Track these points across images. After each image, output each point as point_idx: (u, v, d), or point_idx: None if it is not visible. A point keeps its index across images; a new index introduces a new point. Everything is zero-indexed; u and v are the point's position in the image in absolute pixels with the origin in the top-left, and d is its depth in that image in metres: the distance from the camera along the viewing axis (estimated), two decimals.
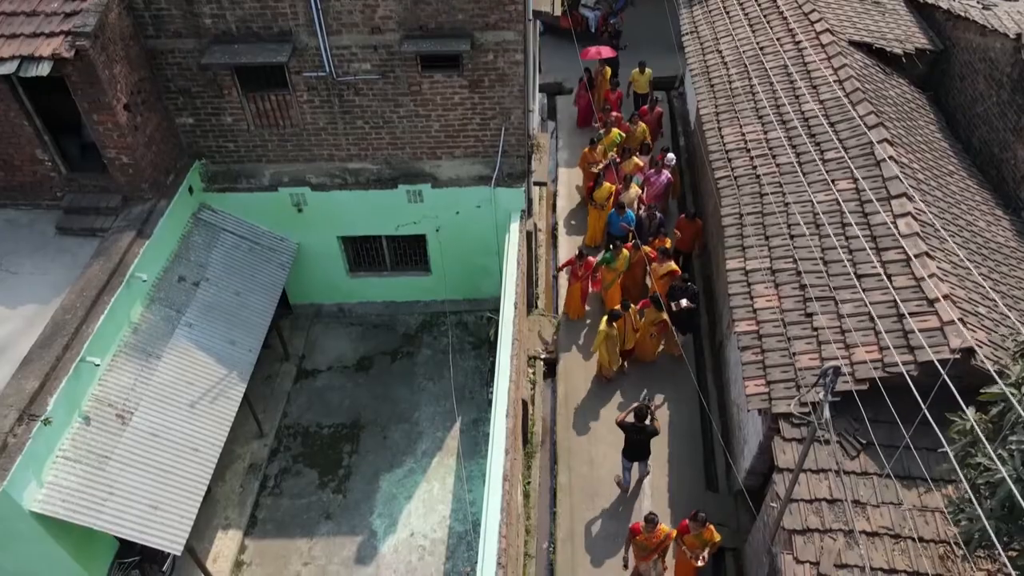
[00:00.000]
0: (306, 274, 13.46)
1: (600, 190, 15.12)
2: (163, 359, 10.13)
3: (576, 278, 13.96)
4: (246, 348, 11.00)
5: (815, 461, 8.73)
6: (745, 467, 10.75)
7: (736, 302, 10.57)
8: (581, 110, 18.90)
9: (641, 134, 16.58)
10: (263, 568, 10.74)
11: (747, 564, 10.34)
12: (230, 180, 11.97)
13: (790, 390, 9.24)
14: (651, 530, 9.59)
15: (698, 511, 9.58)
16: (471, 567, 8.92)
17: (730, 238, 11.55)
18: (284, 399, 12.83)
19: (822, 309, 9.78)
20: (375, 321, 14.12)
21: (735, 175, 12.56)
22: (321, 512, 11.34)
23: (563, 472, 11.89)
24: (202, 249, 11.58)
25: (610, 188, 15.05)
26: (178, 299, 10.82)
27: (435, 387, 12.95)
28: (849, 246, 10.26)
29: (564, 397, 12.95)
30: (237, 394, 10.49)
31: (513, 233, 11.98)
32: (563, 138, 18.85)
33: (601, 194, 15.09)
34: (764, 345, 9.85)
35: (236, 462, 11.90)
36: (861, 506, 8.42)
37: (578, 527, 11.17)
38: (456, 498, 11.44)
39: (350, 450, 12.11)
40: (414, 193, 12.13)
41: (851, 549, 8.15)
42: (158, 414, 9.63)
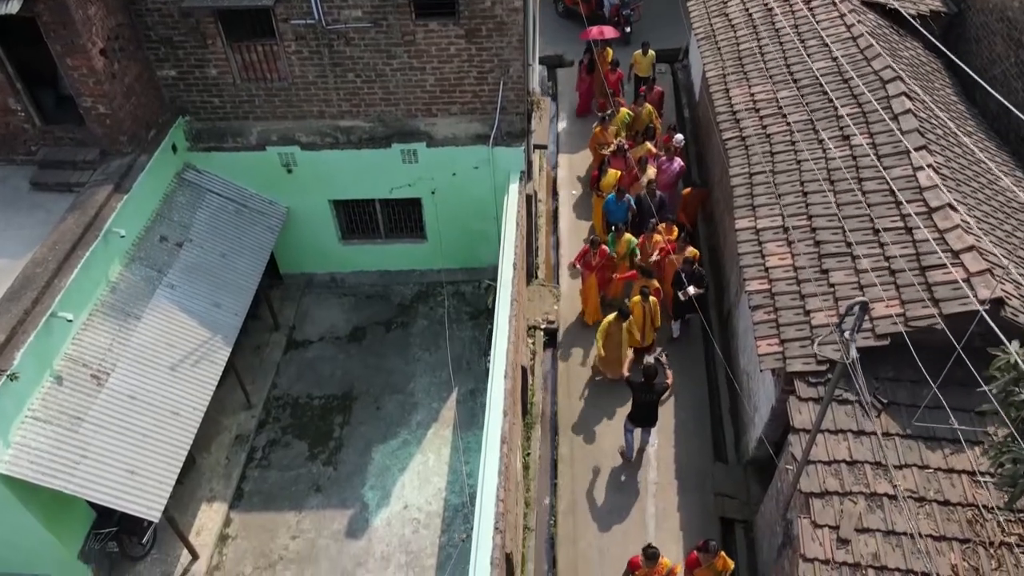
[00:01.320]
0: (297, 241, 12.93)
1: (606, 178, 13.97)
2: (143, 320, 9.60)
3: (590, 269, 12.64)
4: (232, 311, 10.47)
5: (833, 421, 8.20)
6: (756, 435, 10.22)
7: (746, 261, 10.04)
8: (581, 96, 18.10)
9: (647, 115, 15.66)
10: (249, 541, 10.22)
11: (759, 536, 9.81)
12: (216, 139, 11.43)
13: (805, 348, 8.71)
14: (651, 565, 8.51)
15: (708, 540, 8.62)
16: (467, 534, 8.42)
17: (739, 198, 11.02)
18: (273, 370, 12.30)
19: (838, 265, 9.25)
20: (369, 292, 13.59)
21: (743, 135, 12.03)
22: (311, 484, 10.82)
23: (564, 443, 11.36)
24: (186, 209, 11.05)
25: (616, 175, 13.93)
26: (160, 259, 10.29)
27: (431, 357, 12.43)
28: (866, 201, 9.72)
29: (565, 367, 12.42)
30: (221, 358, 9.96)
31: (512, 194, 11.46)
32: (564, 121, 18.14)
33: (607, 182, 13.86)
34: (777, 304, 9.32)
35: (222, 433, 11.37)
36: (883, 468, 7.89)
37: (580, 499, 10.64)
38: (452, 470, 10.92)
39: (341, 421, 11.59)
40: (408, 153, 11.59)
41: (872, 512, 7.62)
42: (136, 376, 9.11)
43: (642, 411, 10.48)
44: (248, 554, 10.09)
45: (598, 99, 17.22)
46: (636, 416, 10.58)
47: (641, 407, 10.45)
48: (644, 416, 10.54)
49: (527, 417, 11.58)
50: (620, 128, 15.20)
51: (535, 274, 13.82)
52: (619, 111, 15.41)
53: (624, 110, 15.47)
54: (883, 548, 7.39)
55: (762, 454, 10.32)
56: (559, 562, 9.97)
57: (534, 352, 12.52)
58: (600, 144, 15.09)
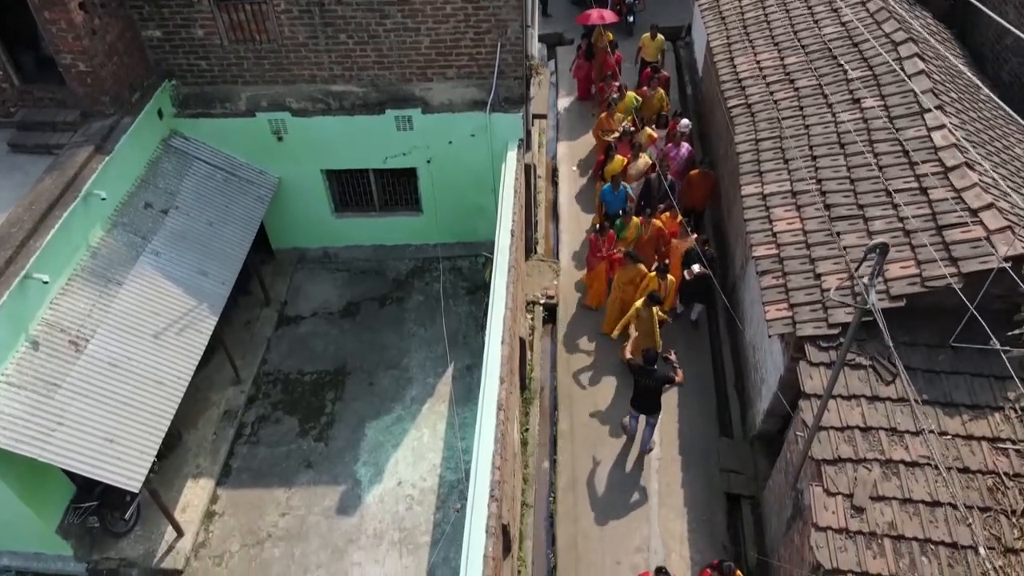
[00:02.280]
0: (288, 214, 12.54)
1: (612, 164, 13.35)
2: (125, 286, 9.22)
3: (599, 256, 12.10)
4: (219, 280, 10.08)
5: (846, 387, 7.82)
6: (763, 408, 9.84)
7: (753, 227, 9.66)
8: (580, 82, 17.48)
9: (658, 101, 15.00)
10: (236, 518, 9.83)
11: (766, 511, 9.43)
12: (203, 104, 11.04)
13: (816, 312, 8.33)
14: None
15: (722, 561, 8.10)
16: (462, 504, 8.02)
17: (745, 164, 10.64)
18: (264, 345, 11.92)
19: (850, 228, 8.87)
20: (363, 267, 13.20)
21: (749, 103, 11.65)
22: (301, 461, 10.44)
23: (564, 419, 10.97)
24: (172, 176, 10.67)
25: (622, 162, 13.34)
26: (144, 225, 9.91)
27: (426, 333, 12.04)
28: (878, 163, 9.34)
29: (564, 343, 12.03)
30: (207, 327, 9.57)
31: (510, 161, 11.07)
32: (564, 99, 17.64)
33: (613, 169, 13.23)
34: (785, 268, 8.94)
35: (210, 409, 10.99)
36: (898, 434, 7.51)
37: (580, 476, 10.26)
38: (447, 446, 10.54)
39: (334, 397, 11.20)
40: (403, 120, 11.20)
41: (888, 480, 7.24)
42: (117, 343, 8.73)
43: (643, 396, 9.98)
44: (235, 531, 9.71)
45: (597, 83, 16.67)
46: (637, 401, 10.12)
47: (642, 392, 9.97)
48: (645, 402, 10.01)
49: (525, 392, 11.20)
50: (627, 114, 14.55)
51: (534, 249, 13.44)
52: (625, 95, 14.74)
53: (631, 94, 14.78)
54: (900, 517, 7.02)
55: (769, 427, 9.96)
56: (558, 539, 9.59)
57: (533, 327, 12.15)
58: (605, 131, 14.45)
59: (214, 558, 9.47)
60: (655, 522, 9.66)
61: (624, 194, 12.77)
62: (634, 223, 12.06)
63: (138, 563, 9.29)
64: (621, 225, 12.13)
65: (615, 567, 9.24)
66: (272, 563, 9.40)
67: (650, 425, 10.28)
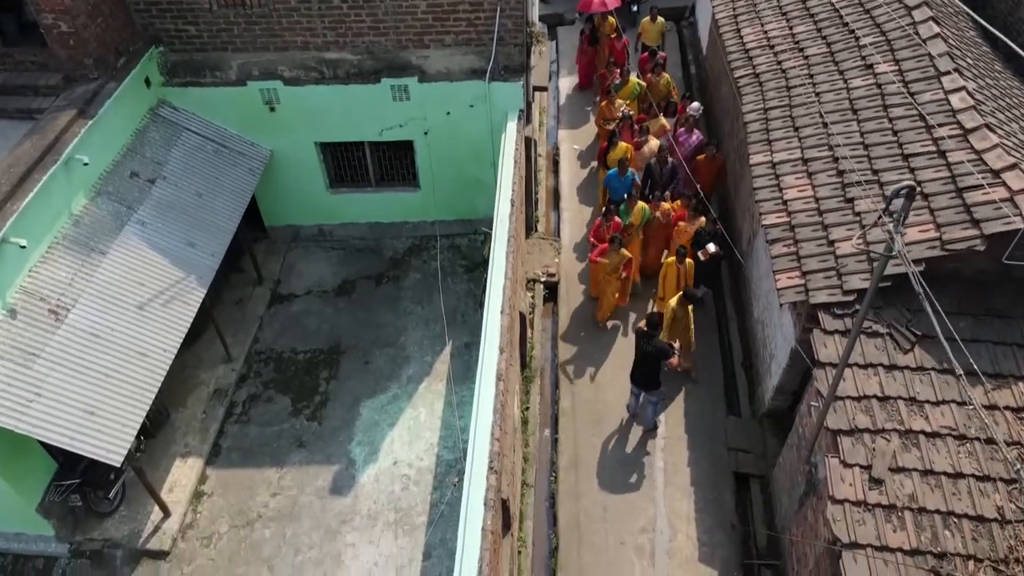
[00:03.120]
0: (282, 190, 12.17)
1: (615, 151, 12.59)
2: (109, 255, 8.86)
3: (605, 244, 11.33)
4: (208, 252, 9.72)
5: (862, 355, 7.45)
6: (773, 385, 9.47)
7: (762, 195, 9.30)
8: (582, 69, 16.71)
9: (665, 87, 14.33)
10: (225, 498, 9.47)
11: (776, 489, 9.07)
12: (192, 72, 10.68)
13: (830, 279, 7.96)
14: None
15: None
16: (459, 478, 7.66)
17: (753, 133, 10.27)
18: (256, 324, 11.55)
19: (864, 193, 8.50)
20: (358, 245, 12.83)
21: (757, 73, 11.27)
22: (293, 440, 10.07)
23: (565, 397, 10.60)
24: (160, 146, 10.31)
25: (626, 148, 12.62)
26: (129, 195, 9.55)
27: (424, 311, 11.68)
28: (893, 127, 8.97)
29: (566, 320, 11.65)
30: (195, 299, 9.21)
31: (510, 132, 10.69)
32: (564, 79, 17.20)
33: (616, 156, 12.44)
34: (797, 236, 8.57)
35: (199, 387, 10.62)
36: (918, 404, 7.15)
37: (583, 454, 9.89)
38: (445, 425, 10.18)
39: (328, 376, 10.84)
40: (399, 89, 10.83)
41: (907, 451, 6.87)
42: (100, 313, 8.37)
43: (640, 365, 9.66)
44: (224, 511, 9.35)
45: (600, 71, 15.95)
46: (636, 374, 9.78)
47: (639, 359, 9.64)
48: (641, 373, 9.68)
49: (526, 371, 10.84)
50: (629, 99, 14.01)
51: (535, 227, 13.07)
52: (628, 82, 14.15)
53: (634, 80, 14.21)
54: (920, 488, 6.65)
55: (779, 404, 9.61)
56: (560, 519, 9.23)
57: (533, 305, 11.78)
58: (607, 120, 13.88)
59: (202, 539, 9.11)
60: (660, 501, 9.30)
61: (631, 180, 12.17)
62: (639, 207, 11.51)
63: (123, 544, 8.94)
64: (625, 209, 11.59)
65: (619, 547, 8.88)
66: (262, 544, 9.04)
67: (651, 403, 9.93)
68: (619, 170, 12.06)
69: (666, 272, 10.86)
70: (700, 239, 11.04)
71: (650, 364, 9.55)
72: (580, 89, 16.92)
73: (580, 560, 8.78)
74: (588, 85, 16.81)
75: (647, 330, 9.37)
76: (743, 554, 8.82)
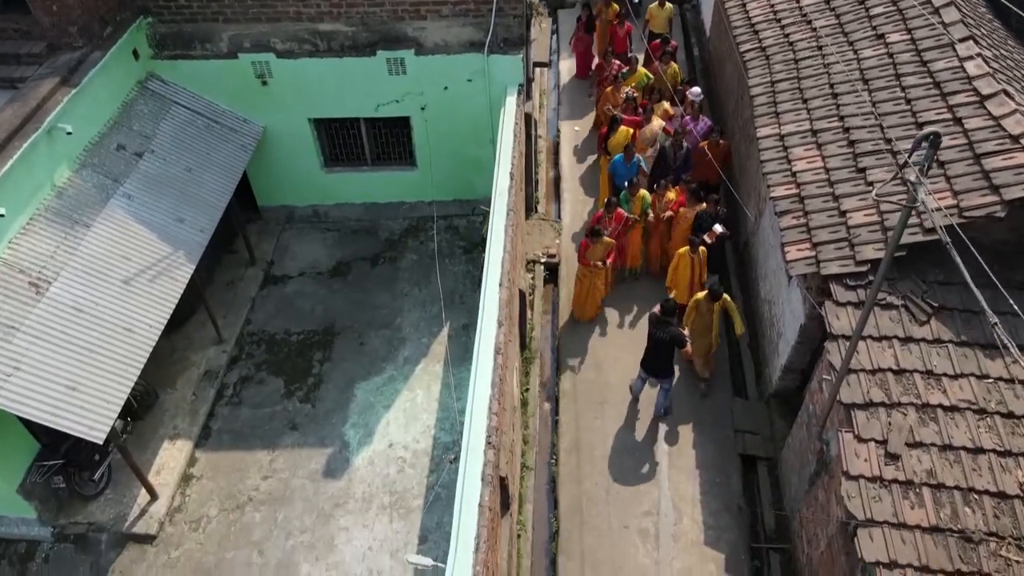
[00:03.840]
0: (275, 169, 11.86)
1: (616, 136, 12.03)
2: (93, 229, 8.56)
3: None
4: (197, 227, 9.42)
5: (876, 327, 7.14)
6: (780, 364, 9.17)
7: (770, 168, 8.98)
8: (579, 57, 15.88)
9: (672, 77, 13.58)
10: (215, 481, 9.17)
11: (785, 470, 8.76)
12: (182, 44, 10.37)
13: (842, 250, 7.65)
14: None
15: None
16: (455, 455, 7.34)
17: (760, 107, 9.95)
18: (248, 305, 11.24)
19: (876, 163, 8.19)
20: (354, 226, 12.52)
21: (763, 46, 10.96)
22: (286, 422, 9.77)
23: (566, 378, 10.29)
24: (148, 120, 10.00)
25: (627, 132, 12.08)
26: (115, 168, 9.24)
27: (420, 292, 11.37)
28: (906, 96, 8.65)
29: (567, 301, 11.33)
30: (183, 275, 8.91)
31: (509, 106, 10.39)
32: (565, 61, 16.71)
33: (617, 141, 11.96)
34: (807, 207, 8.26)
35: (189, 369, 10.32)
36: (935, 377, 6.83)
37: (584, 436, 9.58)
38: (442, 407, 9.88)
39: (321, 358, 10.53)
40: (395, 62, 10.52)
41: (925, 425, 6.56)
42: (83, 287, 8.07)
43: (653, 353, 9.25)
44: (214, 495, 9.05)
45: (598, 62, 15.02)
46: (648, 361, 9.41)
47: (652, 347, 9.24)
48: (654, 360, 9.28)
49: (526, 352, 10.53)
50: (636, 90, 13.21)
51: (535, 208, 12.76)
52: (636, 70, 13.46)
53: (642, 71, 13.53)
54: (939, 464, 6.34)
55: (787, 384, 9.31)
56: (561, 503, 8.91)
57: (534, 286, 11.47)
58: (611, 106, 13.06)
59: (190, 523, 8.80)
60: (665, 484, 8.99)
61: (636, 166, 11.66)
62: (641, 195, 10.95)
63: (108, 527, 8.64)
64: (626, 197, 10.99)
65: (622, 531, 8.57)
66: (253, 528, 8.73)
67: (663, 390, 9.57)
68: (625, 155, 11.55)
69: (678, 263, 10.29)
70: (702, 222, 10.60)
71: (664, 352, 9.17)
72: (579, 78, 16.18)
73: (582, 543, 8.47)
74: (587, 75, 15.99)
75: (661, 316, 9.02)
76: (751, 537, 8.51)
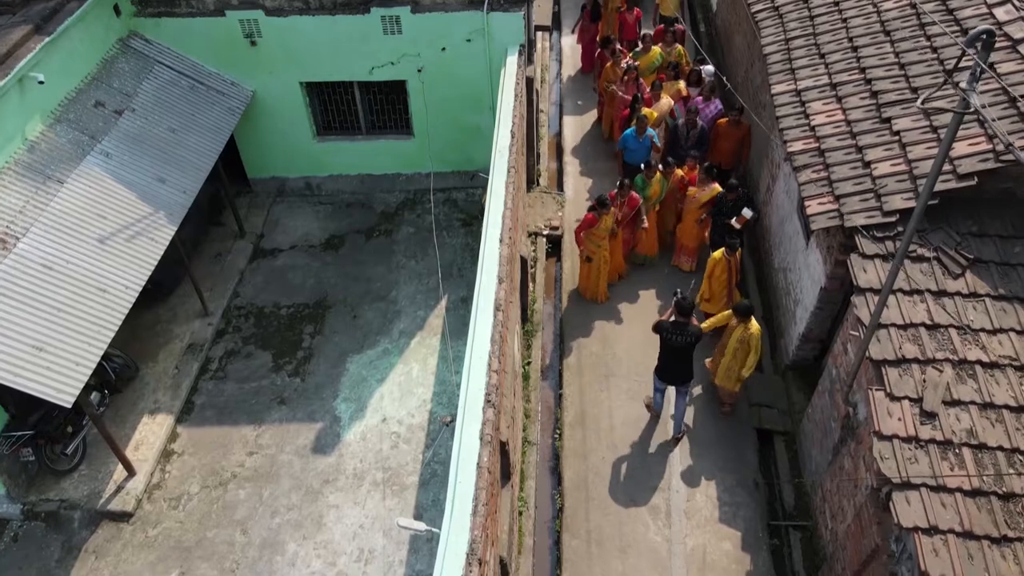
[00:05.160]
0: (266, 137, 11.35)
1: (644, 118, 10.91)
2: (67, 185, 8.05)
3: (618, 222, 9.98)
4: (179, 188, 8.90)
5: (907, 281, 6.61)
6: (798, 332, 8.64)
7: (787, 123, 8.45)
8: (584, 48, 14.96)
9: (677, 58, 13.00)
10: (197, 458, 8.62)
11: (804, 442, 8.22)
12: (167, 1, 9.86)
13: (867, 201, 7.12)
14: None
15: None
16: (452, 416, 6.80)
17: (774, 64, 9.44)
18: (236, 278, 10.71)
19: (902, 112, 7.67)
20: (348, 199, 12.00)
21: (776, 5, 10.46)
22: (274, 397, 9.23)
23: (570, 350, 9.75)
24: (129, 78, 9.49)
25: (652, 114, 11.35)
26: (93, 125, 8.73)
27: (417, 265, 10.84)
28: (932, 44, 8.15)
29: (571, 274, 10.81)
30: (164, 236, 8.39)
31: (510, 66, 9.89)
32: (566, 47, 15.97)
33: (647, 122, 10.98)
34: (828, 160, 7.73)
35: (173, 342, 9.78)
36: (972, 332, 6.30)
37: (590, 409, 9.03)
38: (440, 380, 9.34)
39: (312, 331, 10.00)
40: (390, 20, 10.02)
41: (963, 383, 6.02)
42: (54, 244, 7.54)
43: (672, 361, 8.15)
44: (196, 471, 8.50)
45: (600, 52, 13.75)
46: (665, 368, 8.29)
47: (670, 355, 8.13)
48: (675, 368, 8.21)
49: (527, 324, 10.00)
50: (649, 70, 12.66)
51: (536, 181, 12.25)
52: (650, 49, 12.81)
53: (656, 50, 12.86)
54: (980, 423, 5.80)
55: (805, 355, 8.78)
56: (566, 478, 8.36)
57: (536, 258, 10.94)
58: (610, 83, 12.57)
59: (170, 500, 8.25)
60: (676, 459, 8.44)
61: (648, 142, 10.93)
62: (657, 179, 10.17)
63: (81, 505, 8.09)
64: (642, 181, 10.12)
65: (631, 508, 8.02)
66: (236, 505, 8.18)
67: (681, 394, 8.52)
68: (637, 129, 10.81)
69: (713, 268, 9.20)
70: (722, 206, 9.83)
71: (684, 356, 8.12)
72: (583, 72, 15.12)
73: (588, 521, 7.92)
74: (590, 68, 14.91)
75: (679, 319, 7.97)
76: (768, 514, 7.95)
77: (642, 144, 10.91)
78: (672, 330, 8.00)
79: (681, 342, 7.98)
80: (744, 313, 8.11)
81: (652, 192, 10.23)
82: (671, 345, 8.06)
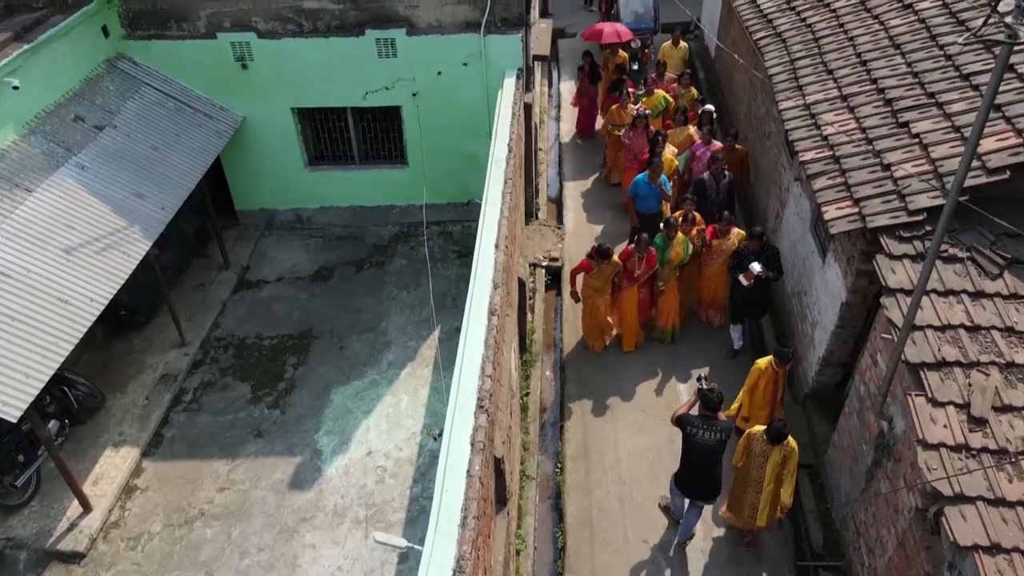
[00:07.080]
0: (255, 166, 10.99)
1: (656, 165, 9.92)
2: (35, 194, 7.60)
3: (631, 280, 8.93)
4: (157, 205, 8.44)
5: (940, 282, 6.04)
6: (818, 357, 8.00)
7: (797, 135, 8.06)
8: (582, 112, 14.04)
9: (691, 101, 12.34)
10: (162, 494, 7.84)
11: (830, 475, 7.46)
12: (157, 24, 9.67)
13: (890, 203, 6.63)
14: None
15: None
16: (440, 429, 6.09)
17: (780, 83, 9.15)
18: (217, 309, 10.13)
19: (920, 116, 7.27)
20: (340, 232, 11.55)
21: (779, 31, 10.28)
22: (250, 429, 8.52)
23: (572, 381, 9.06)
24: (113, 96, 9.19)
25: (672, 160, 10.50)
26: (70, 138, 8.36)
27: (409, 296, 10.29)
28: (945, 53, 7.84)
29: (571, 305, 10.22)
30: (137, 251, 7.87)
31: (508, 87, 9.61)
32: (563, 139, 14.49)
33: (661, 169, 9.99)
34: (844, 166, 7.28)
35: (145, 372, 9.12)
36: (1019, 335, 5.69)
37: (593, 442, 8.28)
38: (431, 412, 8.65)
39: (296, 362, 9.35)
40: (385, 43, 9.80)
41: (1013, 387, 5.37)
42: (14, 252, 7.04)
43: (698, 465, 6.64)
44: (159, 508, 7.70)
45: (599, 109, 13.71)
46: (689, 475, 6.78)
47: (696, 457, 6.60)
48: (700, 475, 6.68)
49: (526, 354, 9.36)
50: (654, 113, 12.12)
51: (535, 214, 11.82)
52: (653, 93, 12.36)
53: (659, 92, 12.41)
54: None
55: (826, 380, 8.12)
56: (568, 514, 7.55)
57: (535, 289, 10.39)
58: (615, 126, 11.98)
59: (128, 540, 7.43)
60: None
61: (659, 189, 9.95)
62: (680, 239, 8.94)
63: (28, 544, 7.29)
64: (663, 241, 8.92)
65: (640, 546, 7.18)
66: (201, 546, 7.35)
67: (698, 507, 7.05)
68: (650, 175, 9.79)
69: (757, 381, 7.54)
70: (742, 258, 8.55)
71: (712, 461, 6.60)
72: (582, 136, 14.24)
73: (593, 561, 7.07)
74: (590, 133, 14.14)
75: (705, 413, 6.58)
76: (795, 555, 7.12)
77: (654, 191, 9.94)
78: (699, 425, 6.53)
79: (710, 439, 6.53)
80: (779, 437, 6.54)
81: (674, 255, 8.95)
82: (697, 444, 6.56)
